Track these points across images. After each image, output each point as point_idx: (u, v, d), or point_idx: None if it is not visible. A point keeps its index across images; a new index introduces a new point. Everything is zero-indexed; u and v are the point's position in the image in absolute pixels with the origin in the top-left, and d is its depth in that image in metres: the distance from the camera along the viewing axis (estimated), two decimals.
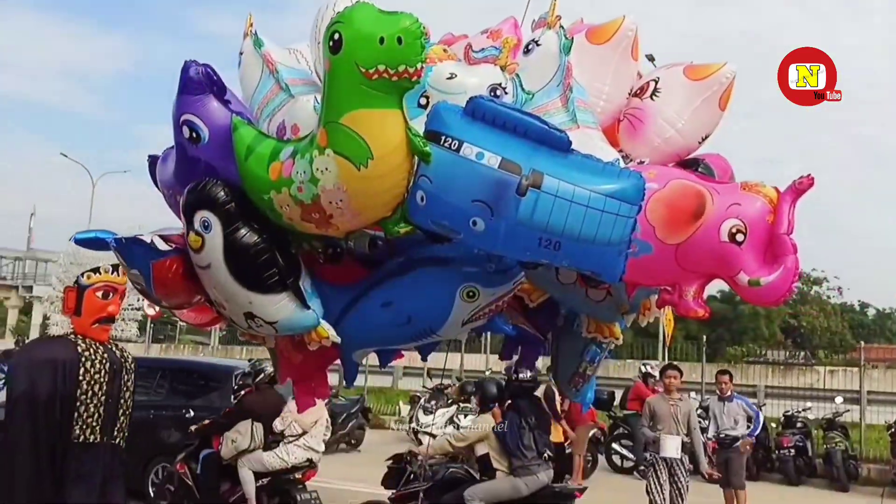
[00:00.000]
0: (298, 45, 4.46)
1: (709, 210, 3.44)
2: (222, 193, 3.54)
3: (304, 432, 6.40)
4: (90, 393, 3.78)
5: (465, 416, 11.74)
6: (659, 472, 7.29)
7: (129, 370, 4.02)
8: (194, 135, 3.65)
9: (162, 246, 3.70)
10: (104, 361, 3.84)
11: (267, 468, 6.27)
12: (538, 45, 3.75)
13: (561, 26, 3.74)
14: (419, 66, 3.03)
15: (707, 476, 7.83)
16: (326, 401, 6.89)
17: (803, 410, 13.99)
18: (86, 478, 3.74)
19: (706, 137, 4.15)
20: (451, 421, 12.06)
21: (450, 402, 12.57)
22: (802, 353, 28.45)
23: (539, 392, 6.70)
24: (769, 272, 3.38)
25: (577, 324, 4.74)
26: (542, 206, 3.05)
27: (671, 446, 7.26)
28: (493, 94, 3.52)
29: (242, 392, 6.92)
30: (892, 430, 12.83)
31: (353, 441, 13.10)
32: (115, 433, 3.87)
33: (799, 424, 13.38)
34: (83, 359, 3.78)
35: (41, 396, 3.64)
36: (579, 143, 3.29)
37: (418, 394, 13.25)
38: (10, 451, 3.74)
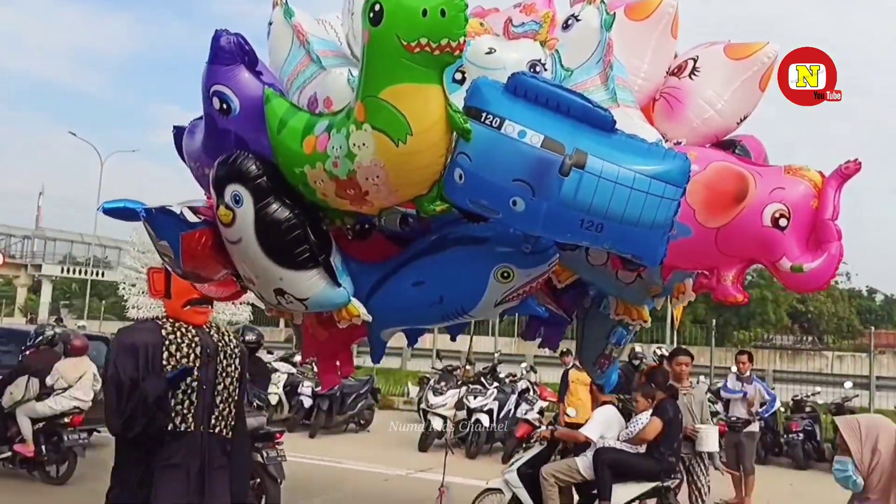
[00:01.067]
0: (326, 16, 4.37)
1: (751, 194, 3.36)
2: (254, 167, 3.47)
3: (70, 386, 7.79)
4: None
5: (475, 397, 11.75)
6: (698, 473, 6.36)
7: (230, 355, 3.80)
8: (224, 106, 3.57)
9: (191, 217, 3.63)
10: (193, 346, 3.66)
11: (39, 415, 7.65)
12: (578, 20, 3.65)
13: (602, 1, 3.63)
14: (462, 39, 2.94)
15: (723, 471, 7.00)
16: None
17: (812, 395, 13.99)
18: (177, 466, 3.60)
19: (745, 118, 4.06)
20: (460, 402, 12.08)
21: (459, 383, 12.58)
22: (810, 339, 28.40)
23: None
24: (812, 258, 3.30)
25: (604, 305, 4.68)
26: (586, 186, 2.97)
27: (711, 439, 6.35)
28: (532, 69, 3.43)
29: (27, 352, 8.34)
30: None
31: (362, 421, 13.20)
32: (214, 421, 3.70)
33: (808, 409, 13.37)
34: (167, 342, 3.61)
35: (125, 381, 3.52)
36: (620, 122, 3.19)
37: (427, 375, 13.24)
38: (114, 435, 3.69)
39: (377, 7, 2.93)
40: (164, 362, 3.57)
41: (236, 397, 3.86)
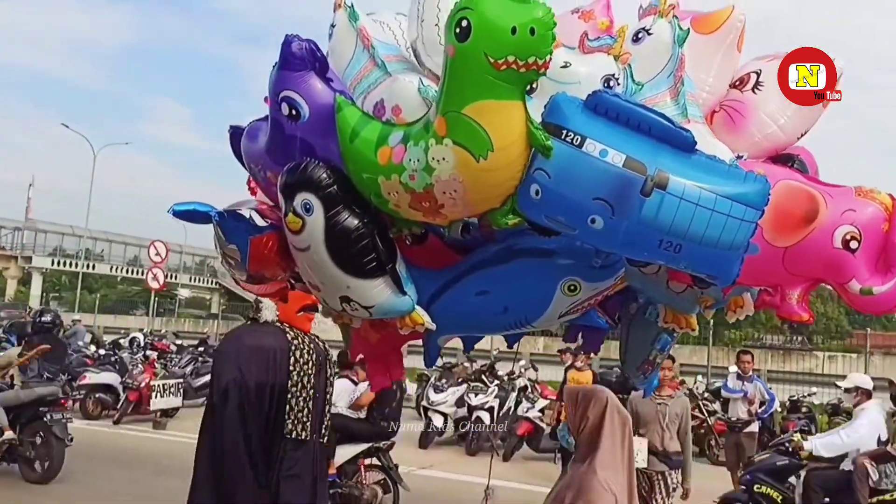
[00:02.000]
0: (381, 15, 4.34)
1: (822, 215, 3.38)
2: (325, 175, 3.47)
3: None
4: (300, 385, 3.63)
5: (476, 394, 11.82)
6: (658, 490, 6.04)
7: (332, 363, 3.86)
8: (294, 112, 3.56)
9: (259, 222, 3.65)
10: (311, 352, 3.69)
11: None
12: (649, 33, 3.64)
13: (675, 16, 3.62)
14: (548, 58, 2.94)
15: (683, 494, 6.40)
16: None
17: (808, 395, 14.17)
18: (299, 476, 3.61)
19: (804, 134, 4.07)
20: (461, 399, 12.16)
21: (459, 380, 12.65)
22: (799, 339, 28.57)
23: None
24: (882, 281, 3.33)
25: (650, 312, 4.71)
26: (667, 207, 2.98)
27: (638, 455, 5.63)
28: (606, 84, 3.42)
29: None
30: None
31: None
32: (323, 430, 3.70)
33: (804, 409, 13.56)
34: (293, 347, 3.63)
35: (250, 385, 3.49)
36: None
37: (426, 372, 13.32)
38: (220, 442, 3.63)
39: (464, 23, 2.92)
40: (291, 368, 3.57)
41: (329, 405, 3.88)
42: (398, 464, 6.90)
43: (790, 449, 6.75)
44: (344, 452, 6.38)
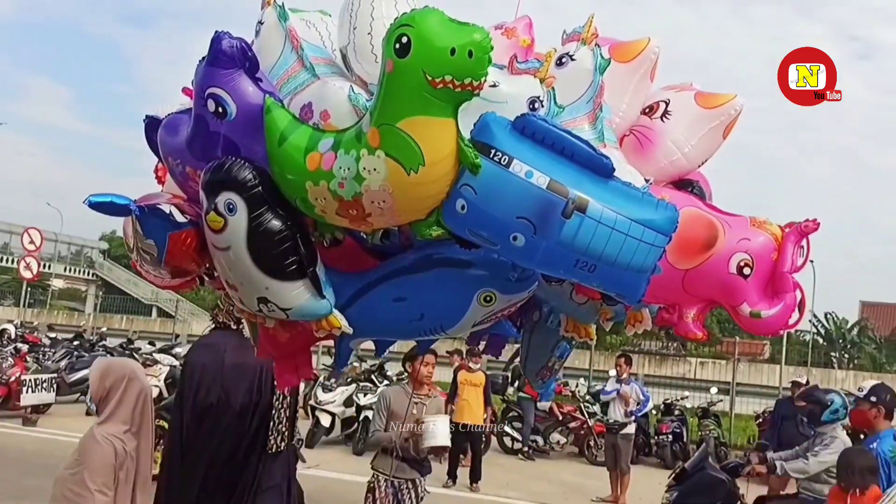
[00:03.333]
0: (308, 15, 4.33)
1: (721, 241, 3.65)
2: (250, 176, 3.45)
3: None
4: (282, 398, 3.51)
5: (365, 394, 11.89)
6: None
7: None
8: (220, 109, 3.52)
9: (179, 218, 3.59)
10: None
11: None
12: (572, 59, 3.80)
13: (597, 44, 3.80)
14: (483, 80, 3.05)
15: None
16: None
17: (681, 399, 15.09)
18: (277, 486, 3.51)
19: (704, 162, 4.35)
20: (349, 399, 12.21)
21: (349, 380, 12.70)
22: (674, 345, 30.02)
23: None
24: (770, 306, 3.63)
25: (552, 321, 4.92)
26: (585, 230, 3.15)
27: (440, 431, 5.51)
28: (531, 105, 3.55)
29: None
30: (760, 419, 13.89)
31: None
32: (295, 436, 3.59)
33: (676, 412, 14.43)
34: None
35: (234, 408, 3.36)
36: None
37: (315, 372, 13.32)
38: (186, 464, 3.48)
39: (405, 39, 2.99)
40: (275, 383, 3.46)
41: None
42: None
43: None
44: None
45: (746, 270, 3.63)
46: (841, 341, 39.75)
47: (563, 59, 3.84)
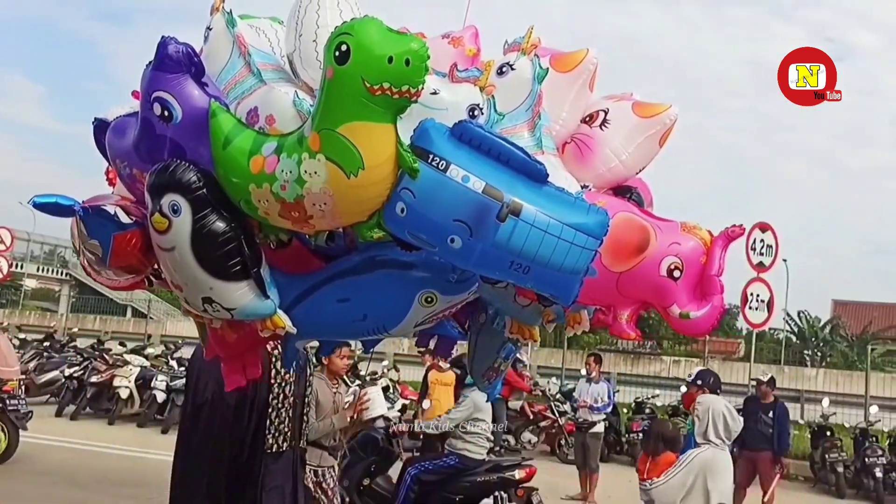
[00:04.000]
0: (257, 22, 4.42)
1: (652, 245, 3.80)
2: (195, 178, 3.52)
3: None
4: (281, 396, 3.51)
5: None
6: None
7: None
8: (166, 113, 3.59)
9: (124, 219, 3.64)
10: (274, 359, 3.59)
11: None
12: (512, 68, 3.94)
13: (536, 55, 3.94)
14: (420, 87, 3.17)
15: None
16: None
17: (652, 397, 15.29)
18: (280, 487, 3.50)
19: (642, 170, 4.51)
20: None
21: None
22: (650, 344, 30.30)
23: None
24: (698, 307, 3.78)
25: (497, 323, 5.04)
26: (519, 232, 3.28)
27: (377, 402, 6.34)
28: (471, 113, 3.68)
29: None
30: None
31: None
32: (301, 437, 3.57)
33: (647, 410, 14.65)
34: (274, 358, 3.48)
35: (230, 403, 3.35)
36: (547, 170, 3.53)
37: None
38: (189, 464, 3.47)
39: (344, 47, 3.09)
40: (272, 381, 3.49)
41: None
42: None
43: None
44: None
45: (676, 273, 3.78)
46: (814, 339, 39.94)
47: (504, 69, 3.97)
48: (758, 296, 14.31)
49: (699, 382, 7.11)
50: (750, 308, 14.29)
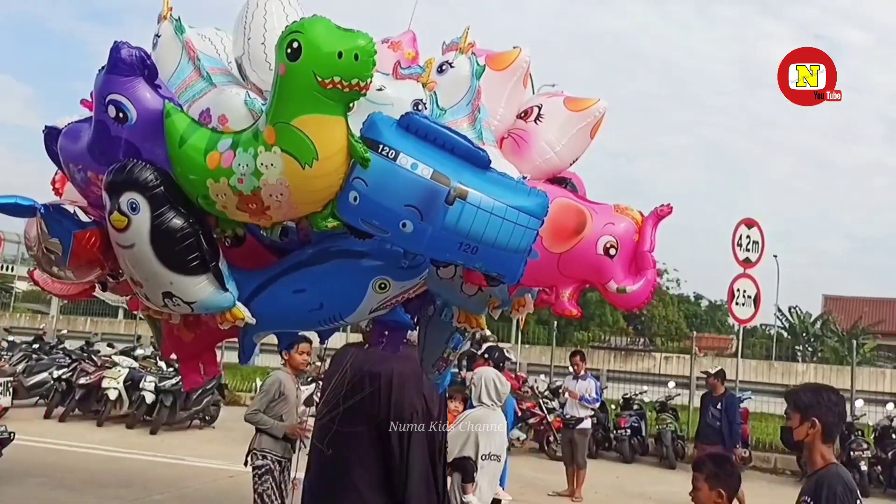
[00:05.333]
0: (203, 30, 4.56)
1: (589, 227, 4.06)
2: (152, 176, 3.65)
3: None
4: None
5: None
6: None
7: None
8: (121, 115, 3.71)
9: (83, 217, 3.73)
10: None
11: None
12: (452, 66, 4.18)
13: (473, 53, 4.19)
14: (369, 80, 3.38)
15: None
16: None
17: (640, 394, 15.45)
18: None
19: (575, 160, 4.80)
20: (310, 398, 12.17)
21: (310, 379, 12.64)
22: (642, 340, 30.13)
23: None
24: (633, 282, 4.06)
25: (445, 314, 5.25)
26: (467, 215, 3.50)
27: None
28: (415, 107, 3.89)
29: None
30: None
31: (207, 417, 13.07)
32: None
33: (635, 406, 14.79)
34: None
35: (433, 414, 3.68)
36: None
37: None
38: (410, 470, 4.10)
39: (295, 44, 3.29)
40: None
41: None
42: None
43: None
44: None
45: (612, 251, 4.05)
46: (805, 335, 39.88)
47: (444, 67, 4.21)
48: (744, 292, 14.42)
49: (486, 356, 8.41)
50: (737, 304, 14.41)
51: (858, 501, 3.20)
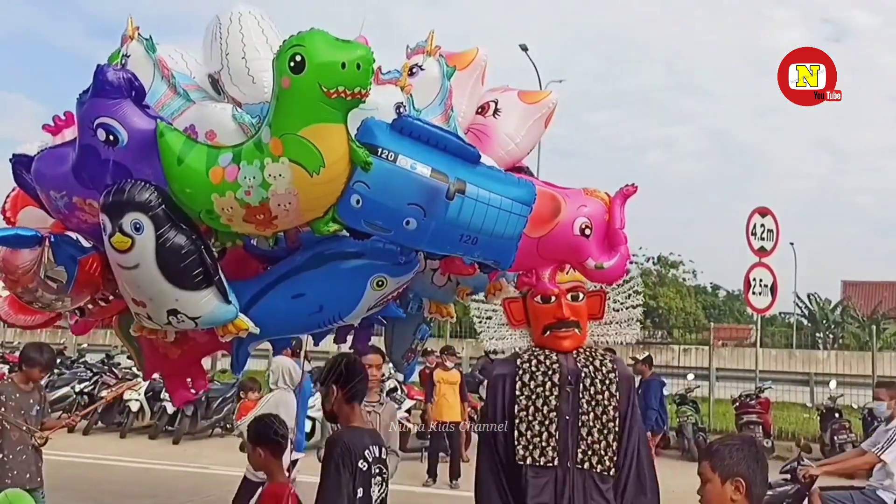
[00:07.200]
0: (165, 49, 4.55)
1: (564, 211, 4.36)
2: (153, 196, 3.67)
3: None
4: (532, 409, 3.63)
5: None
6: None
7: (598, 381, 3.86)
8: (111, 137, 3.70)
9: (84, 243, 3.71)
10: (550, 373, 3.82)
11: None
12: (422, 69, 4.38)
13: (441, 55, 4.41)
14: (369, 88, 3.55)
15: None
16: None
17: None
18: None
19: (532, 149, 5.12)
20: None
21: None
22: (660, 333, 30.22)
23: None
24: (609, 258, 4.39)
25: (411, 307, 5.47)
26: (466, 208, 3.73)
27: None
28: (398, 110, 4.08)
29: None
30: (737, 403, 14.45)
31: (228, 425, 13.00)
32: (582, 456, 3.67)
33: None
34: (521, 372, 3.80)
35: (490, 415, 3.59)
36: None
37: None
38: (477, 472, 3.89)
39: (298, 58, 3.42)
40: (518, 393, 3.68)
41: (616, 429, 3.90)
42: None
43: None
44: None
45: (587, 231, 4.37)
46: (825, 322, 39.55)
47: (414, 70, 4.40)
48: (761, 280, 14.48)
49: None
50: (753, 293, 14.49)
51: None
